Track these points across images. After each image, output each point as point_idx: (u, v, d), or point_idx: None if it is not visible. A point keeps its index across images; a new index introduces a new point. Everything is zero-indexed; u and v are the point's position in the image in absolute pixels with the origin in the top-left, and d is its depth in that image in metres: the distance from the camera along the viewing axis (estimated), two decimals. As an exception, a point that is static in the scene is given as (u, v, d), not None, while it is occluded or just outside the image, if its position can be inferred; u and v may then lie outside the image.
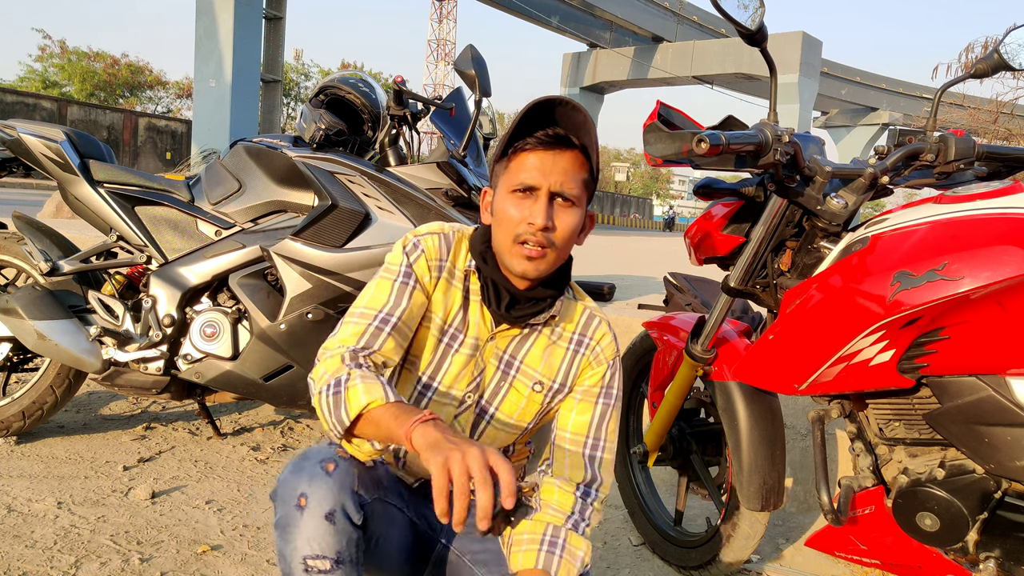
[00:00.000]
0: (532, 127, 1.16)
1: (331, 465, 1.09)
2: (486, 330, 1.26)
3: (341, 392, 1.07)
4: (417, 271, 1.23)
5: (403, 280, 1.22)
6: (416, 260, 1.24)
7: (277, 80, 26.81)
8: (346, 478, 1.09)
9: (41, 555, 1.86)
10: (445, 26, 47.01)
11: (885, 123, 39.46)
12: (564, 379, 1.30)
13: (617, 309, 3.22)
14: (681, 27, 31.93)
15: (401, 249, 1.25)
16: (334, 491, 1.07)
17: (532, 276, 1.18)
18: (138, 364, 2.52)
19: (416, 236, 1.26)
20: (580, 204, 1.19)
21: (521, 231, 1.15)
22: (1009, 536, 1.34)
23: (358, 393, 1.06)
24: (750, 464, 1.74)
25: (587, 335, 1.30)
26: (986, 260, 1.22)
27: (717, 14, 1.86)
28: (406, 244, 1.25)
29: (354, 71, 2.84)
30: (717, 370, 1.81)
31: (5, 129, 2.60)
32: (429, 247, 1.25)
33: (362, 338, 1.17)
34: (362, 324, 1.18)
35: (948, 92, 1.91)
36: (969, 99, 12.26)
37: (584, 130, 1.17)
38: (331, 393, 1.08)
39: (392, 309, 1.20)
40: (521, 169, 1.16)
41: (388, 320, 1.19)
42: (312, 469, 1.09)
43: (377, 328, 1.18)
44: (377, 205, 2.47)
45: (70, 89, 34.14)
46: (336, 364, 1.12)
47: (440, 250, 1.25)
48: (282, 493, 1.09)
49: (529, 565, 1.19)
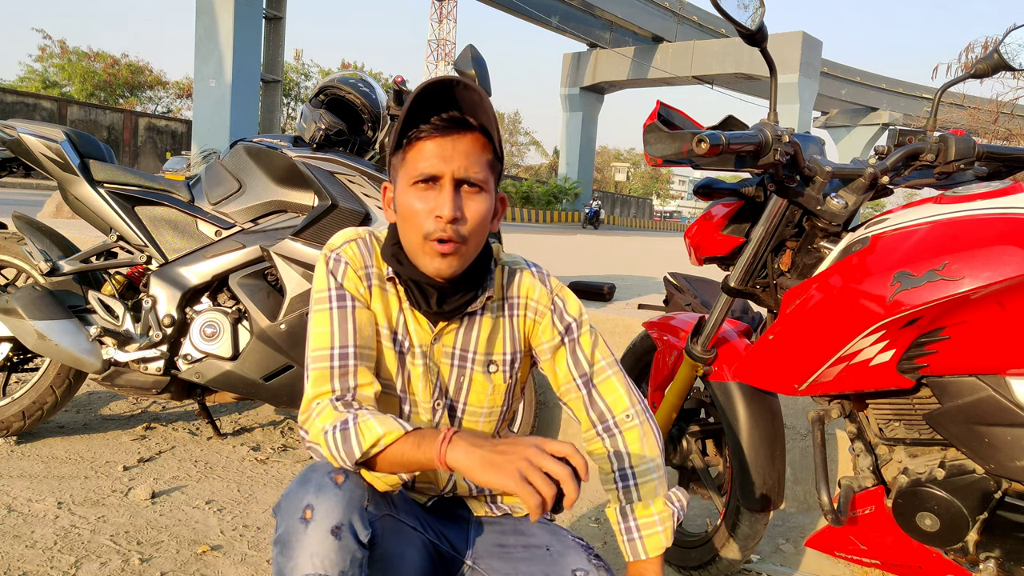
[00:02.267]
0: (426, 113, 1.08)
1: (340, 477, 1.03)
2: (427, 334, 1.20)
3: (350, 428, 1.03)
4: (349, 287, 1.15)
5: (338, 305, 1.14)
6: (344, 275, 1.15)
7: (277, 80, 26.82)
8: (356, 491, 1.03)
9: (41, 555, 1.86)
10: (445, 26, 47.03)
11: (885, 123, 39.48)
12: (513, 347, 1.26)
13: (617, 309, 3.22)
14: (681, 27, 31.94)
15: (324, 270, 1.16)
16: (342, 504, 1.00)
17: (447, 275, 1.12)
18: (138, 364, 2.52)
19: (332, 250, 1.17)
20: (488, 188, 1.12)
21: (429, 227, 1.08)
22: (1009, 536, 1.34)
23: (371, 425, 1.03)
24: (750, 464, 1.74)
25: (513, 296, 1.25)
26: (986, 260, 1.22)
27: (717, 14, 1.87)
28: (327, 261, 1.16)
29: (354, 71, 2.84)
30: (717, 370, 1.81)
31: (5, 129, 2.60)
32: (351, 256, 1.16)
33: (333, 383, 1.11)
34: (324, 369, 1.11)
35: (948, 92, 1.91)
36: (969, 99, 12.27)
37: (481, 109, 1.08)
38: (338, 431, 1.04)
39: (343, 341, 1.12)
40: (420, 158, 1.08)
41: (345, 354, 1.12)
42: (320, 480, 1.02)
43: (341, 368, 1.11)
44: (377, 205, 2.48)
45: (70, 89, 34.15)
46: (333, 414, 1.07)
47: (363, 256, 1.17)
48: (286, 506, 1.03)
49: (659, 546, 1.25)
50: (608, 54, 32.53)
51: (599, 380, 1.27)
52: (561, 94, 34.11)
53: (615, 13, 29.78)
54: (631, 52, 31.82)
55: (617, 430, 1.26)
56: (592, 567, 1.17)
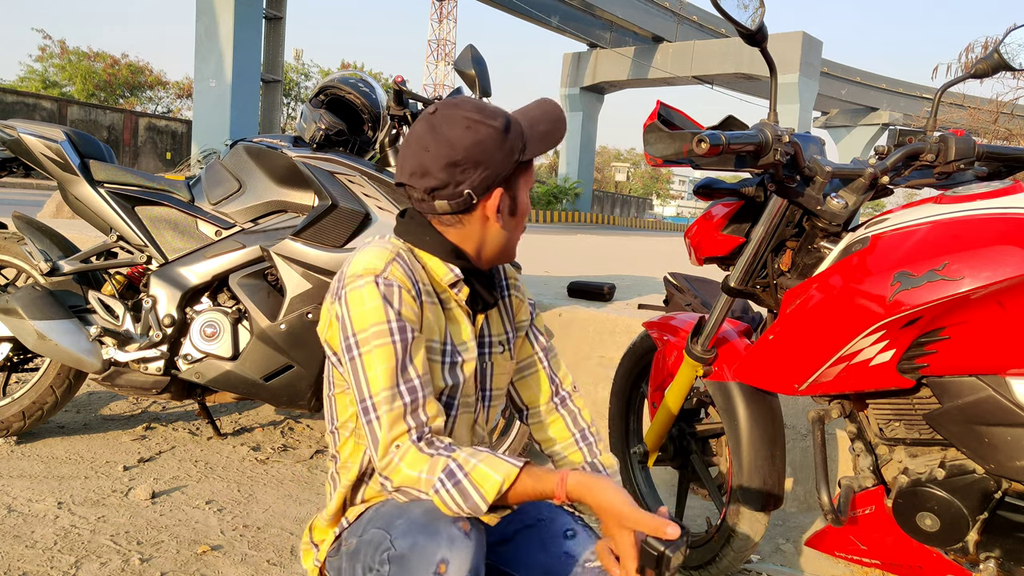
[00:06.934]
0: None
1: (467, 525, 1.04)
2: (471, 329, 1.26)
3: (462, 481, 1.03)
4: (407, 313, 1.13)
5: (401, 338, 1.11)
6: (401, 301, 1.12)
7: (277, 80, 26.79)
8: (480, 536, 1.05)
9: (41, 555, 1.86)
10: (445, 26, 47.04)
11: (885, 123, 39.45)
12: (511, 326, 1.36)
13: (617, 309, 3.21)
14: (681, 27, 31.91)
15: (377, 299, 1.11)
16: (472, 553, 1.02)
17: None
18: (138, 364, 2.52)
19: (377, 274, 1.12)
20: None
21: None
22: (1009, 536, 1.34)
23: (486, 474, 1.03)
24: (750, 464, 1.74)
25: (502, 277, 1.37)
26: (986, 260, 1.22)
27: (717, 14, 1.86)
28: (378, 287, 1.11)
29: (354, 71, 2.83)
30: (717, 370, 1.81)
31: (5, 129, 2.60)
32: (400, 277, 1.14)
33: (408, 420, 1.09)
34: (397, 410, 1.08)
35: (948, 92, 1.91)
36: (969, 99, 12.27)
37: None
38: (451, 486, 1.03)
39: (410, 375, 1.11)
40: (533, 171, 1.25)
41: (414, 388, 1.10)
42: (450, 532, 1.02)
43: (412, 404, 1.10)
44: (377, 205, 2.47)
45: (70, 89, 34.13)
46: (421, 458, 1.06)
47: (409, 273, 1.16)
48: (416, 560, 1.00)
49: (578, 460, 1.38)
50: (608, 54, 32.50)
51: (551, 356, 1.43)
52: (561, 94, 34.07)
53: (615, 13, 29.74)
54: (631, 52, 31.79)
55: (570, 399, 1.43)
56: (579, 527, 1.29)
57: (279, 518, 2.22)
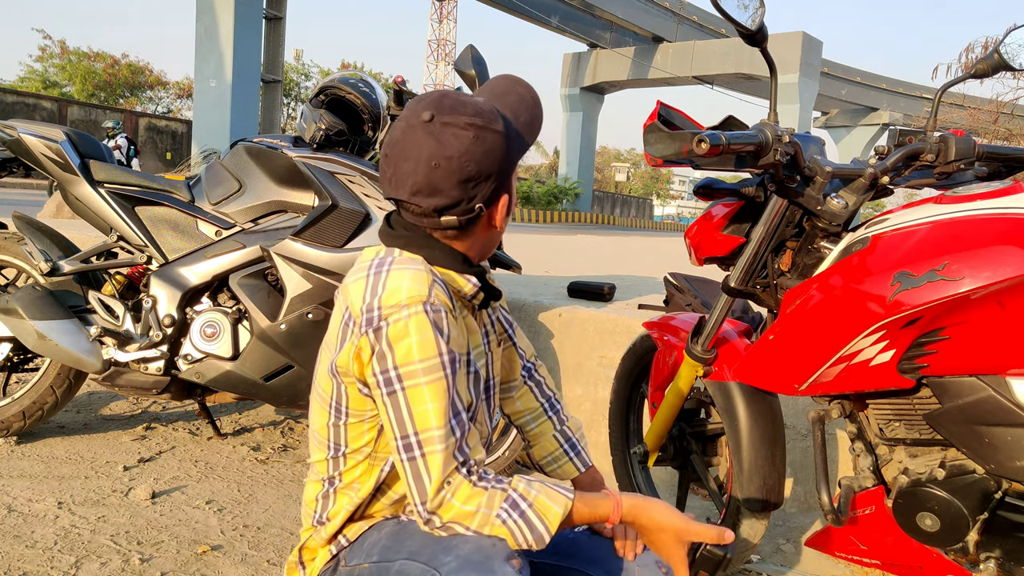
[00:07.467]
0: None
1: (518, 562, 1.03)
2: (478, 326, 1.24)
3: (527, 512, 1.03)
4: (454, 339, 1.08)
5: (452, 371, 1.06)
6: (449, 326, 1.07)
7: (277, 80, 26.80)
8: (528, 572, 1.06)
9: (41, 555, 1.86)
10: (445, 26, 47.03)
11: (885, 123, 39.44)
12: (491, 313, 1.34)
13: (617, 309, 3.21)
14: (681, 27, 31.91)
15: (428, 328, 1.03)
16: None
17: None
18: (138, 364, 2.52)
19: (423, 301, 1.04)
20: None
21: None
22: (1009, 536, 1.34)
23: (548, 506, 1.04)
24: (750, 464, 1.74)
25: None
26: (986, 260, 1.22)
27: (717, 14, 1.86)
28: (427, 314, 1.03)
29: (354, 71, 2.83)
30: (717, 370, 1.81)
31: (5, 129, 2.60)
32: (444, 299, 1.07)
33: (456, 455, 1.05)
34: (450, 447, 1.04)
35: (948, 92, 1.91)
36: (969, 99, 12.28)
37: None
38: (516, 516, 1.03)
39: (458, 408, 1.06)
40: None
41: (461, 421, 1.06)
42: (503, 570, 1.00)
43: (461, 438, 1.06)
44: (377, 205, 2.48)
45: (70, 89, 34.13)
46: (478, 494, 1.04)
47: (447, 293, 1.10)
48: None
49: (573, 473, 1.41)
50: (608, 54, 32.49)
51: (515, 328, 1.45)
52: (561, 94, 34.06)
53: (615, 13, 29.74)
54: (631, 52, 31.79)
55: (535, 369, 1.47)
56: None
57: (279, 518, 2.22)
